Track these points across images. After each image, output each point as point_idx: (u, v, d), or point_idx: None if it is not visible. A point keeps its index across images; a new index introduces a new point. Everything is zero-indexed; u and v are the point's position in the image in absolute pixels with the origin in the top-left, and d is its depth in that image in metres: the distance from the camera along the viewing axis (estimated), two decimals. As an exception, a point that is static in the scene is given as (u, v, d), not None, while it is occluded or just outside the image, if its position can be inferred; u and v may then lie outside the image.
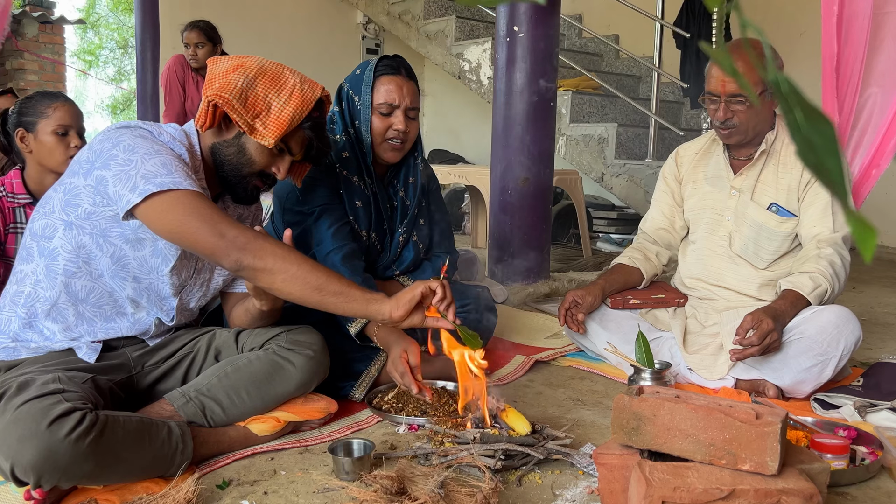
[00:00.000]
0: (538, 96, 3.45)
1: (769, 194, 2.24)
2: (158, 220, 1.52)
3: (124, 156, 1.53)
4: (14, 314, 1.64)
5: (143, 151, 1.53)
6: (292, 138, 1.69)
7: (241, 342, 1.83)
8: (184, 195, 1.51)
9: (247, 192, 1.73)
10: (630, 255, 2.48)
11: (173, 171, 1.52)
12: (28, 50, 7.02)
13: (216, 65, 1.67)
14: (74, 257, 1.60)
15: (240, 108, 1.60)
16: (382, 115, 2.12)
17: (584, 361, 2.48)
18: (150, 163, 1.52)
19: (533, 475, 1.58)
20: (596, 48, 6.93)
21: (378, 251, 2.27)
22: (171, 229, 1.52)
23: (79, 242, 1.59)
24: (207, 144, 1.71)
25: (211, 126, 1.66)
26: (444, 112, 8.33)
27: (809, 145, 0.47)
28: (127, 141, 1.55)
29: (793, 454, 1.35)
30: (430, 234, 2.40)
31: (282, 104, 1.63)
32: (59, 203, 1.60)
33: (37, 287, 1.62)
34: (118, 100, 14.22)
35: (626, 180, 4.96)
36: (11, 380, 1.47)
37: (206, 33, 4.72)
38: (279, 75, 1.66)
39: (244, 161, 1.68)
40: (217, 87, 1.61)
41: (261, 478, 1.57)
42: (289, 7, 7.43)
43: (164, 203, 1.50)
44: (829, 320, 2.02)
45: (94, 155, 1.57)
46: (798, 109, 0.48)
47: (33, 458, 1.32)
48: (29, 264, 1.64)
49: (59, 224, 1.60)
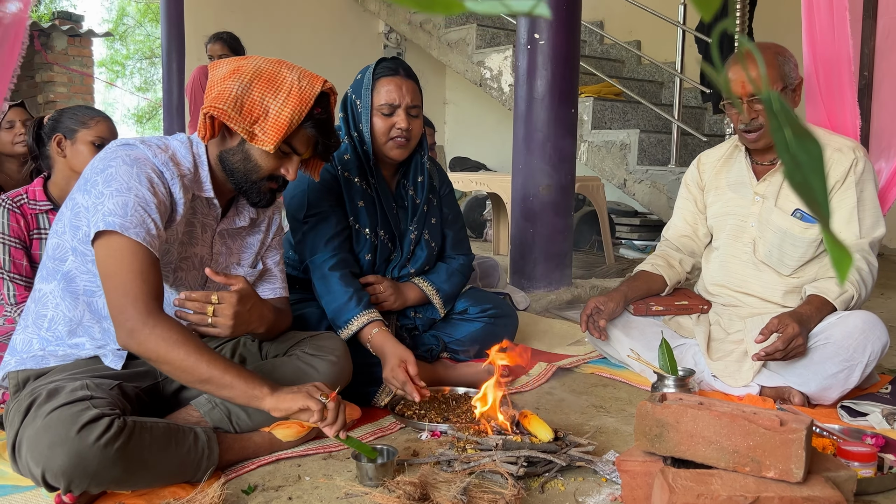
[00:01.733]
0: (559, 103, 3.45)
1: (793, 200, 2.22)
2: (98, 258, 1.54)
3: (101, 187, 1.55)
4: (36, 336, 1.66)
5: (115, 186, 1.54)
6: (296, 138, 1.66)
7: (265, 349, 1.85)
8: (125, 244, 1.50)
9: (261, 196, 1.73)
10: (653, 261, 2.47)
11: (129, 214, 1.51)
12: (57, 62, 7.15)
13: (215, 70, 1.67)
14: (92, 276, 1.62)
15: (236, 116, 1.58)
16: (385, 115, 2.15)
17: (606, 368, 2.47)
18: (113, 201, 1.52)
19: (556, 482, 1.58)
20: (617, 54, 6.91)
21: (390, 250, 2.30)
22: (100, 271, 1.54)
23: (87, 265, 1.62)
24: (214, 153, 1.71)
25: (213, 136, 1.65)
26: (466, 120, 8.35)
27: (796, 163, 0.48)
28: (112, 169, 1.56)
29: (819, 462, 1.34)
30: (443, 233, 2.42)
31: (279, 106, 1.60)
32: (68, 223, 1.63)
33: (58, 310, 1.65)
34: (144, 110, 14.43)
35: (648, 186, 4.94)
36: (41, 387, 1.49)
37: (230, 45, 4.79)
38: (276, 76, 1.63)
39: (251, 167, 1.67)
40: (213, 96, 1.60)
41: (285, 483, 1.59)
42: (311, 17, 7.50)
43: (107, 244, 1.52)
44: (855, 325, 2.00)
45: (91, 172, 1.59)
46: (787, 128, 0.49)
47: (63, 463, 1.34)
48: (48, 284, 1.66)
49: (69, 249, 1.63)
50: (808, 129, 0.49)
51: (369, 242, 2.23)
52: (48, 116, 2.31)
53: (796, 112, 0.56)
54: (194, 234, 1.75)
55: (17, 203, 2.20)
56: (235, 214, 1.83)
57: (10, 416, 1.49)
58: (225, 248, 1.83)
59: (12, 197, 2.21)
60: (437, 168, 2.48)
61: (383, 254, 2.27)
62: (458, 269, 2.40)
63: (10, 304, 2.18)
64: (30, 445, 1.38)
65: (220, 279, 1.63)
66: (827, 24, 2.44)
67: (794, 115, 0.50)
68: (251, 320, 1.67)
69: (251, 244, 1.88)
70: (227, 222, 1.81)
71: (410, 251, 2.33)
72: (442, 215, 2.42)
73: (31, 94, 7.23)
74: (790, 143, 0.48)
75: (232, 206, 1.82)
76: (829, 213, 0.48)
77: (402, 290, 2.28)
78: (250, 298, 1.66)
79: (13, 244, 2.17)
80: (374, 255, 2.25)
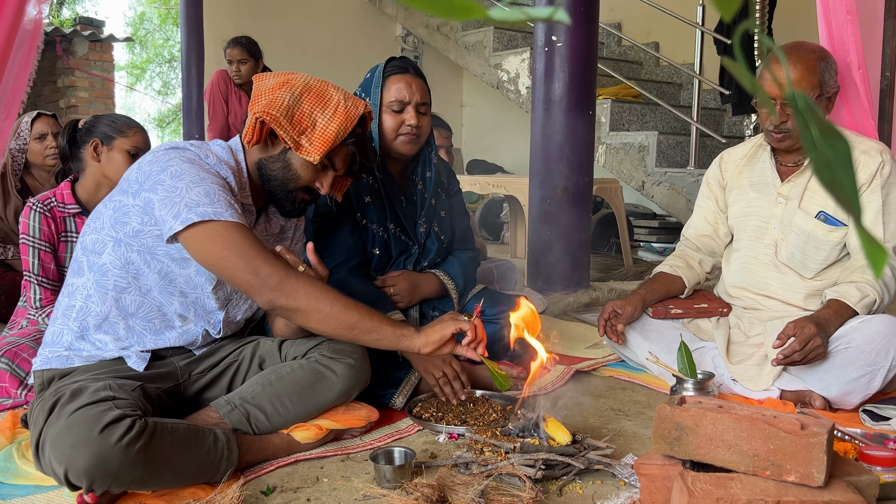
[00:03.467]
0: (577, 105, 3.45)
1: (817, 202, 2.19)
2: (198, 250, 1.57)
3: (171, 182, 1.57)
4: (66, 327, 1.69)
5: (188, 178, 1.57)
6: (336, 154, 1.73)
7: (284, 351, 1.86)
8: (224, 227, 1.54)
9: (294, 206, 1.78)
10: (672, 262, 2.45)
11: (216, 200, 1.56)
12: (79, 67, 7.24)
13: (262, 81, 1.71)
14: (124, 273, 1.65)
15: (286, 124, 1.64)
16: (395, 111, 2.20)
17: (625, 371, 2.46)
18: (195, 191, 1.56)
19: (574, 485, 1.58)
20: (635, 56, 6.89)
21: (404, 242, 2.32)
22: (208, 260, 1.57)
23: (127, 259, 1.64)
24: (254, 160, 1.75)
25: (258, 142, 1.69)
26: (483, 122, 8.35)
27: (825, 162, 0.48)
28: (174, 166, 1.59)
29: (840, 466, 1.33)
30: (452, 227, 2.46)
31: (326, 121, 1.66)
32: (109, 220, 1.65)
33: (87, 301, 1.68)
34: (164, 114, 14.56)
35: (667, 188, 4.91)
36: (65, 387, 1.52)
37: (249, 49, 4.83)
38: (324, 92, 1.69)
39: (290, 176, 1.72)
40: (264, 103, 1.64)
41: (304, 485, 1.59)
42: (329, 21, 7.54)
43: (205, 233, 1.55)
44: (877, 330, 1.98)
45: (144, 176, 1.62)
46: (814, 126, 0.49)
47: (86, 463, 1.36)
48: (80, 278, 1.69)
49: (109, 240, 1.65)
50: (834, 127, 0.49)
51: (378, 237, 2.26)
52: (84, 120, 2.36)
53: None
54: None
55: (46, 206, 2.24)
56: (266, 221, 1.87)
57: (35, 415, 1.51)
58: None
59: (42, 200, 2.25)
60: (444, 164, 2.54)
61: (398, 247, 2.31)
62: (468, 262, 2.46)
63: (35, 307, 2.21)
64: (53, 445, 1.39)
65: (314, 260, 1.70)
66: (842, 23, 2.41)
67: (820, 114, 0.49)
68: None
69: None
70: (259, 229, 1.85)
71: (422, 243, 2.37)
72: (451, 210, 2.46)
73: (53, 98, 7.33)
74: (817, 141, 0.48)
75: (262, 214, 1.86)
76: (860, 209, 0.47)
77: (419, 283, 2.30)
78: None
79: (42, 248, 2.21)
80: (383, 250, 2.28)
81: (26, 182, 3.14)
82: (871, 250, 0.47)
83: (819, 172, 0.49)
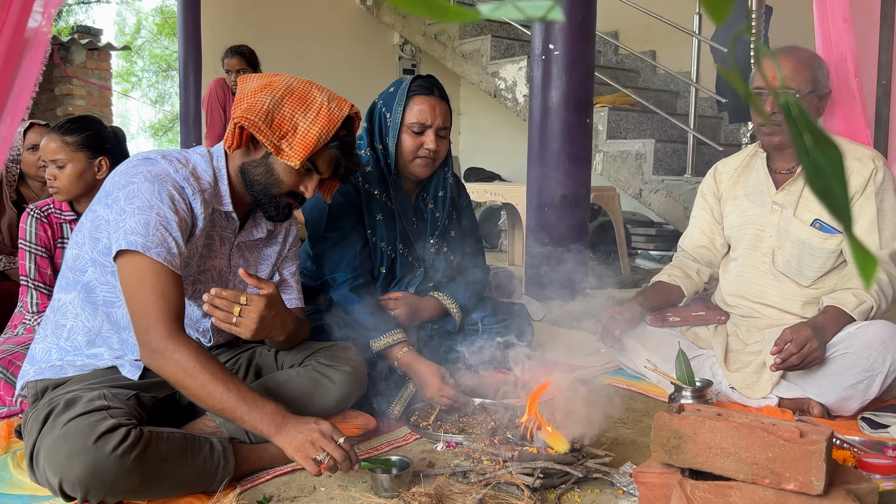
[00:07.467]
0: (574, 113, 3.45)
1: (812, 210, 2.19)
2: (120, 276, 1.56)
3: (123, 203, 1.56)
4: (55, 346, 1.68)
5: (137, 203, 1.55)
6: (319, 157, 1.69)
7: (280, 359, 1.86)
8: (146, 263, 1.52)
9: (278, 211, 1.75)
10: (670, 272, 2.45)
11: (150, 234, 1.53)
12: (76, 76, 7.24)
13: (246, 84, 1.69)
14: (111, 287, 1.64)
15: (265, 129, 1.61)
16: (415, 133, 2.15)
17: (623, 379, 2.46)
18: (135, 219, 1.54)
19: (572, 494, 1.57)
20: (632, 64, 6.90)
21: (410, 264, 2.29)
22: (123, 289, 1.56)
23: (106, 278, 1.64)
24: (236, 165, 1.73)
25: (238, 147, 1.67)
26: (480, 130, 8.36)
27: (817, 169, 0.48)
28: (134, 185, 1.58)
29: (839, 474, 1.32)
30: (462, 246, 2.42)
31: (308, 124, 1.63)
32: (88, 235, 1.65)
33: (77, 320, 1.67)
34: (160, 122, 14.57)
35: (664, 196, 4.92)
36: (59, 397, 1.51)
37: (247, 59, 4.84)
38: (306, 94, 1.66)
39: (272, 181, 1.70)
40: (244, 107, 1.62)
41: (301, 494, 1.58)
42: (327, 30, 7.55)
43: (129, 263, 1.54)
44: (875, 335, 1.98)
45: (112, 186, 1.61)
46: (807, 133, 0.48)
47: (81, 473, 1.35)
48: (68, 294, 1.68)
49: (88, 259, 1.65)
50: (827, 135, 0.49)
51: (385, 256, 2.23)
52: None
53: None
54: (213, 247, 1.76)
55: (44, 212, 2.31)
56: (253, 226, 1.84)
57: (29, 426, 1.50)
58: (242, 259, 1.84)
59: (40, 207, 2.32)
60: (456, 179, 2.48)
61: (404, 268, 2.27)
62: (475, 283, 2.41)
63: (31, 311, 2.24)
64: (47, 455, 1.39)
65: (253, 282, 1.65)
66: (839, 31, 2.42)
67: (813, 122, 0.49)
68: (273, 326, 1.68)
69: (268, 255, 1.89)
70: (245, 234, 1.82)
71: (430, 264, 2.33)
72: (461, 229, 2.42)
73: (51, 107, 7.32)
74: (810, 148, 0.48)
75: (249, 219, 1.84)
76: (851, 218, 0.47)
77: (418, 308, 2.27)
78: (277, 305, 1.67)
79: (39, 253, 2.26)
80: (389, 269, 2.25)
81: (21, 192, 3.14)
82: (861, 260, 0.47)
83: (811, 180, 0.49)
